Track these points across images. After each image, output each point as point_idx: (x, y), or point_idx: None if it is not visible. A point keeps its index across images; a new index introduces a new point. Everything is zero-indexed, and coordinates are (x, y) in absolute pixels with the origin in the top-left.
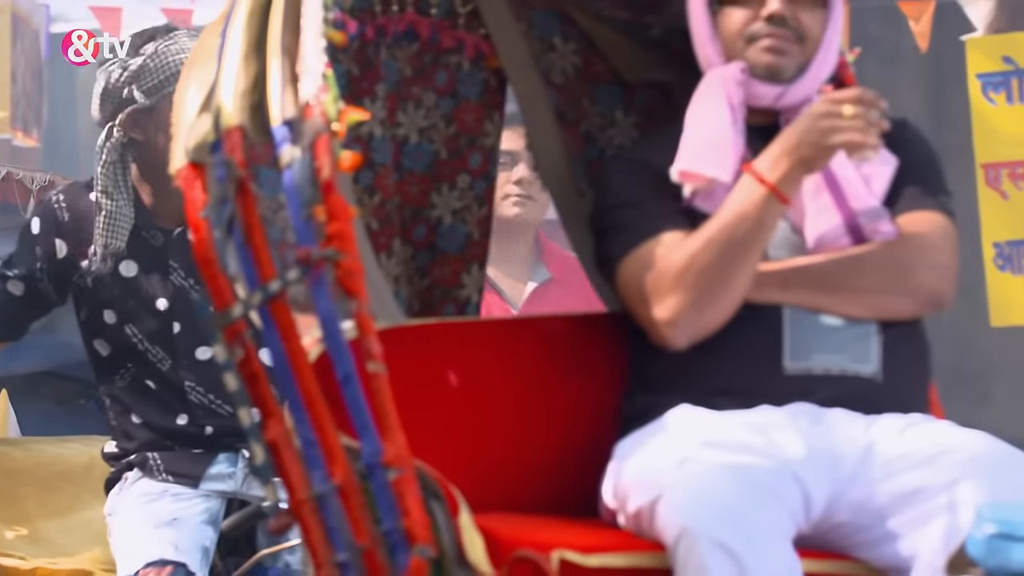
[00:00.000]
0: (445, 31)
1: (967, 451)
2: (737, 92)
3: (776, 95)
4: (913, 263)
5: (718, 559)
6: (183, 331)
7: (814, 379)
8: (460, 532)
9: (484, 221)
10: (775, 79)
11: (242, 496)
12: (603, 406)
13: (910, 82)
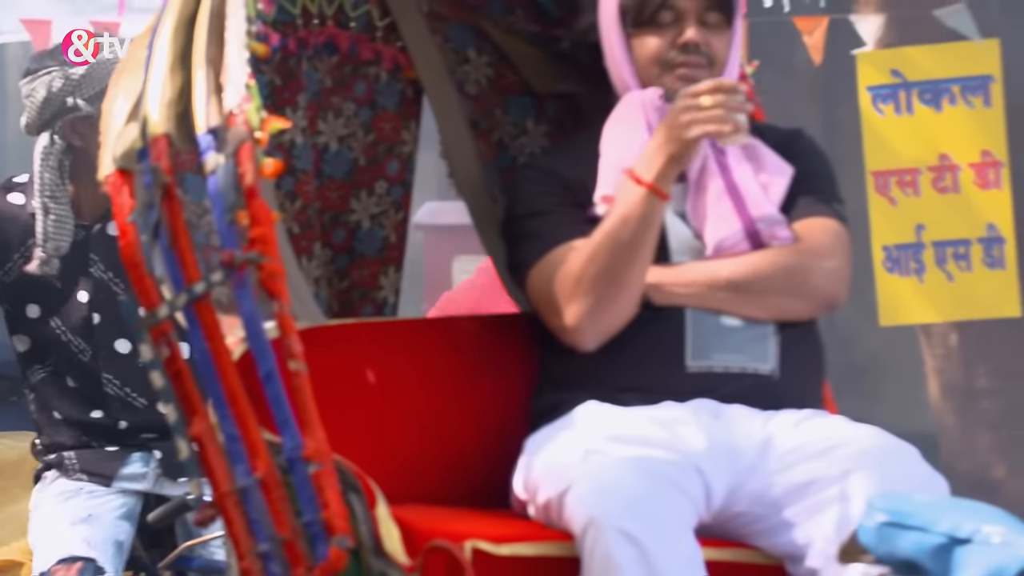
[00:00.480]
0: (364, 44)
1: (858, 444)
2: (655, 117)
3: None
4: (808, 267)
5: (623, 548)
6: (103, 322)
7: (715, 376)
8: (377, 523)
9: (401, 225)
10: None
11: (157, 493)
12: (513, 403)
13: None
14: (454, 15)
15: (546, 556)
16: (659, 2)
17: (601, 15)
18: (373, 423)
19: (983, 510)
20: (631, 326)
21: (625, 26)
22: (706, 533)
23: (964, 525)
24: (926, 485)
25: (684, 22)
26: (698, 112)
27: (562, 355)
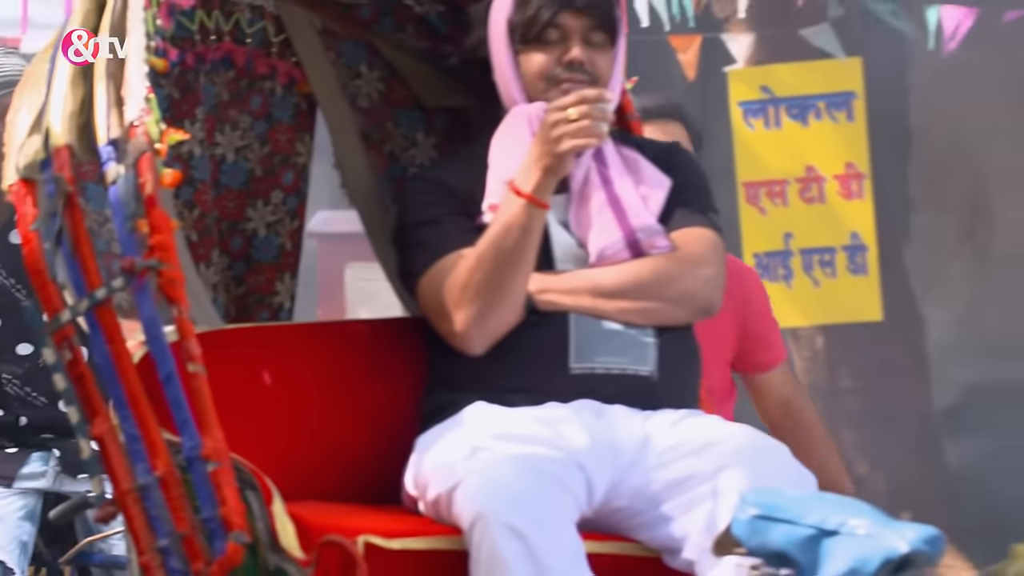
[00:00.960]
0: (259, 59)
1: (732, 442)
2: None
3: None
4: (685, 274)
5: (509, 541)
6: (5, 327)
7: (597, 378)
8: (273, 519)
9: (296, 233)
10: None
11: (56, 491)
12: (404, 403)
13: None
14: (346, 32)
15: (435, 550)
16: (546, 21)
17: (491, 32)
18: (269, 423)
19: (849, 504)
20: (517, 330)
21: (513, 43)
22: (588, 527)
23: (831, 518)
24: (795, 481)
25: (569, 41)
26: (567, 126)
27: (451, 358)
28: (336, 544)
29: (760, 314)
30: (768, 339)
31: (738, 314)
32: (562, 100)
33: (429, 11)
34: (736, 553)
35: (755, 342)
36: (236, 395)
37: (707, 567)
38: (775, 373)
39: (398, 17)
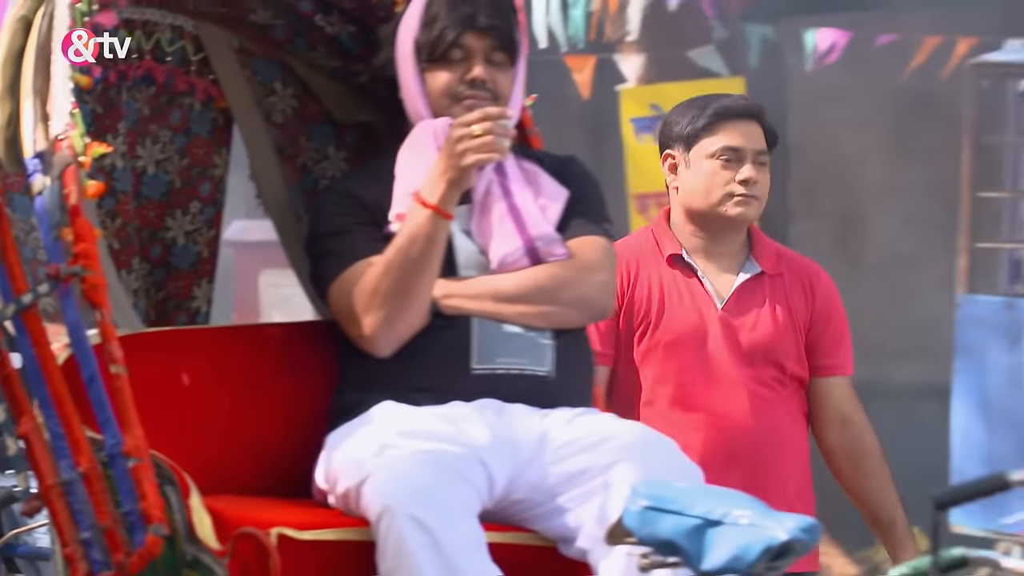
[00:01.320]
0: (179, 76)
1: (624, 438)
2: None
3: None
4: (580, 280)
5: (414, 532)
6: None
7: (497, 378)
8: (191, 512)
9: (213, 242)
10: None
11: None
12: (315, 402)
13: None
14: (262, 51)
15: (345, 540)
16: (450, 41)
17: (398, 51)
18: (187, 421)
19: (733, 496)
20: (422, 333)
21: (419, 62)
22: (489, 518)
23: (716, 509)
24: (683, 474)
25: (472, 60)
26: (471, 141)
27: (359, 359)
28: (250, 536)
29: (825, 318)
30: (831, 344)
31: (807, 308)
32: (466, 117)
33: (340, 32)
34: (627, 542)
35: (817, 343)
36: (156, 395)
37: (600, 555)
38: (836, 383)
39: (311, 37)
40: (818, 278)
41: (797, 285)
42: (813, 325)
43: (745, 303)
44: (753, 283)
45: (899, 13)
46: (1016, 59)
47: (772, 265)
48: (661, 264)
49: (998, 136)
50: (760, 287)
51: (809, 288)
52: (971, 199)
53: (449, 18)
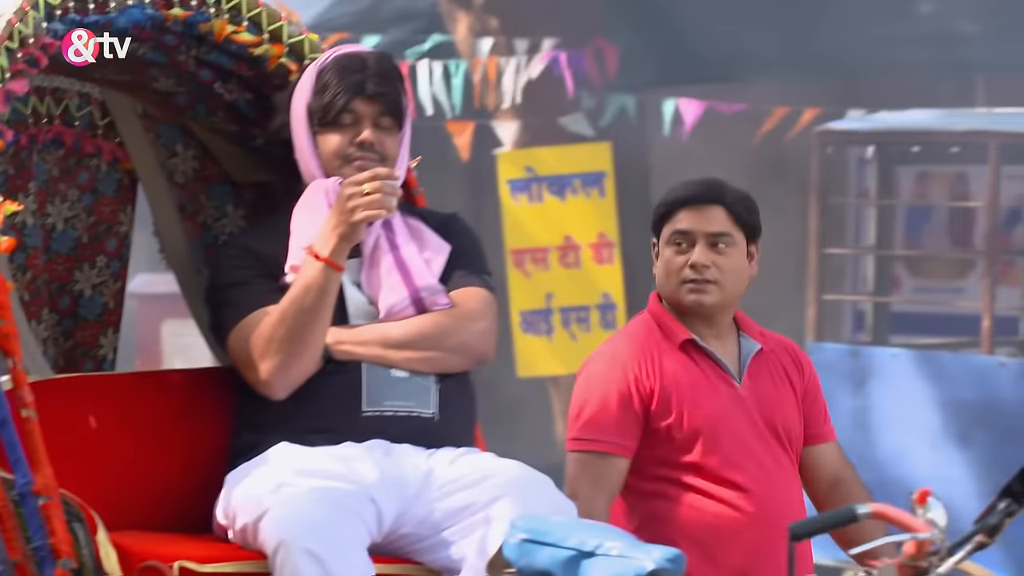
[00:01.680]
0: (86, 139)
1: (504, 475)
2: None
3: None
4: (462, 328)
5: (308, 564)
6: None
7: (386, 420)
8: (98, 547)
9: (118, 294)
10: None
11: None
12: (214, 443)
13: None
14: (164, 116)
15: (243, 573)
16: (340, 107)
17: (292, 116)
18: (95, 461)
19: (605, 529)
20: (316, 378)
21: (312, 125)
22: (378, 551)
23: (589, 541)
24: (558, 509)
25: (361, 124)
26: (361, 199)
27: (257, 403)
28: (154, 568)
29: (814, 389)
30: (821, 413)
31: (800, 382)
32: (357, 176)
33: (238, 98)
34: (507, 573)
35: (809, 414)
36: (65, 437)
37: None
38: (829, 448)
39: (210, 104)
40: (801, 353)
41: (788, 360)
42: (804, 397)
43: (756, 380)
44: (757, 360)
45: (749, 85)
46: (856, 127)
47: (763, 342)
48: (675, 351)
49: (842, 198)
50: (764, 364)
51: (798, 363)
52: (818, 255)
53: (340, 86)
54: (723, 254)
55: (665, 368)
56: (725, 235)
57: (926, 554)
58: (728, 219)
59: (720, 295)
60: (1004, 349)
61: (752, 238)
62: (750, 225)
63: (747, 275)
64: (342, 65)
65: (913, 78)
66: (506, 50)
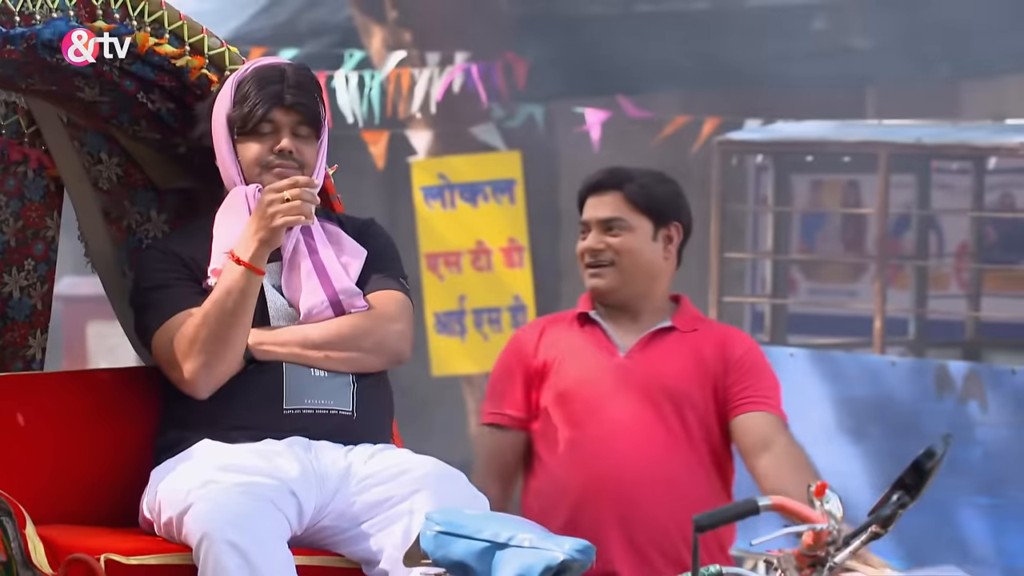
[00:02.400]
0: (13, 147)
1: (420, 471)
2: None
3: None
4: (379, 329)
5: (231, 556)
6: None
7: (306, 417)
8: (26, 540)
9: (46, 296)
10: None
11: None
12: (140, 440)
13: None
14: (89, 124)
15: (168, 565)
16: (259, 116)
17: (213, 125)
18: (23, 457)
19: (516, 521)
20: (238, 377)
21: (232, 134)
22: (298, 543)
23: (502, 533)
24: (472, 502)
25: (280, 133)
26: (280, 205)
27: (180, 401)
28: (81, 561)
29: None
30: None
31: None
32: (277, 184)
33: (161, 107)
34: (424, 564)
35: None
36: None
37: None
38: (753, 416)
39: (134, 112)
40: (739, 337)
41: (710, 339)
42: (728, 373)
43: (649, 351)
44: (660, 334)
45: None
46: (754, 138)
47: (687, 324)
48: (571, 324)
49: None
50: (667, 338)
51: (723, 342)
52: (719, 259)
53: (259, 96)
54: (618, 237)
55: (553, 339)
56: (617, 220)
57: (823, 544)
58: (624, 204)
59: (619, 277)
60: (895, 349)
61: (661, 222)
62: (653, 209)
63: (654, 258)
64: (261, 76)
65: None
66: (419, 62)
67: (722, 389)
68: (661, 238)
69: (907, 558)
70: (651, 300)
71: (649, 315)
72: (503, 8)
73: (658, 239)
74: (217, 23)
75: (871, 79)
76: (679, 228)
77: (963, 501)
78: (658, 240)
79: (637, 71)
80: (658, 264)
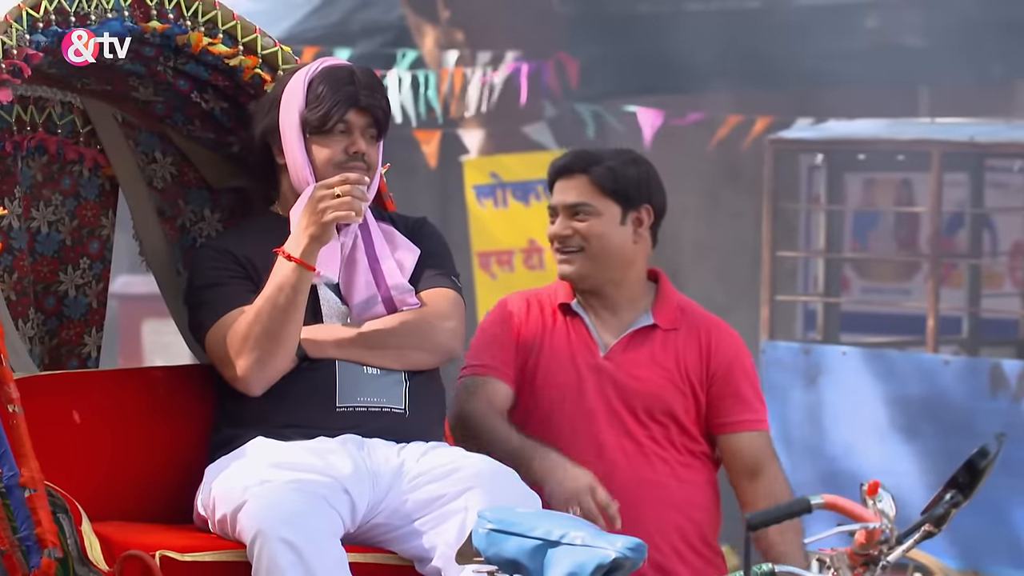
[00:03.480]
0: (69, 146)
1: (472, 469)
2: None
3: None
4: (432, 327)
5: (284, 553)
6: None
7: (358, 415)
8: (82, 537)
9: (101, 294)
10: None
11: None
12: (194, 437)
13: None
14: (144, 124)
15: (222, 562)
16: (337, 118)
17: (283, 125)
18: (79, 455)
19: (569, 519)
20: (291, 375)
21: (305, 134)
22: (351, 541)
23: (555, 531)
24: (524, 500)
25: (353, 134)
26: (331, 200)
27: (234, 399)
28: (136, 557)
29: (724, 376)
30: (734, 402)
31: (701, 366)
32: (328, 180)
33: (214, 107)
34: (476, 562)
35: (718, 402)
36: (50, 431)
37: (452, 574)
38: (743, 438)
39: (188, 111)
40: (719, 336)
41: (692, 342)
42: (712, 384)
43: (631, 353)
44: (643, 334)
45: (704, 95)
46: (806, 136)
47: (668, 320)
48: (554, 313)
49: (793, 203)
50: (649, 340)
51: (706, 346)
52: (771, 258)
53: (335, 97)
54: (584, 222)
55: (538, 324)
56: (583, 204)
57: (876, 543)
58: (590, 188)
59: (587, 263)
60: (948, 347)
61: (630, 205)
62: (620, 192)
63: (623, 242)
64: (334, 77)
65: (860, 89)
66: (471, 62)
67: (706, 399)
68: (630, 221)
69: (960, 557)
70: (626, 287)
71: (627, 304)
72: (555, 7)
73: (627, 223)
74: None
75: (924, 77)
76: (649, 210)
77: (1017, 500)
78: (627, 224)
79: (688, 70)
80: (628, 248)
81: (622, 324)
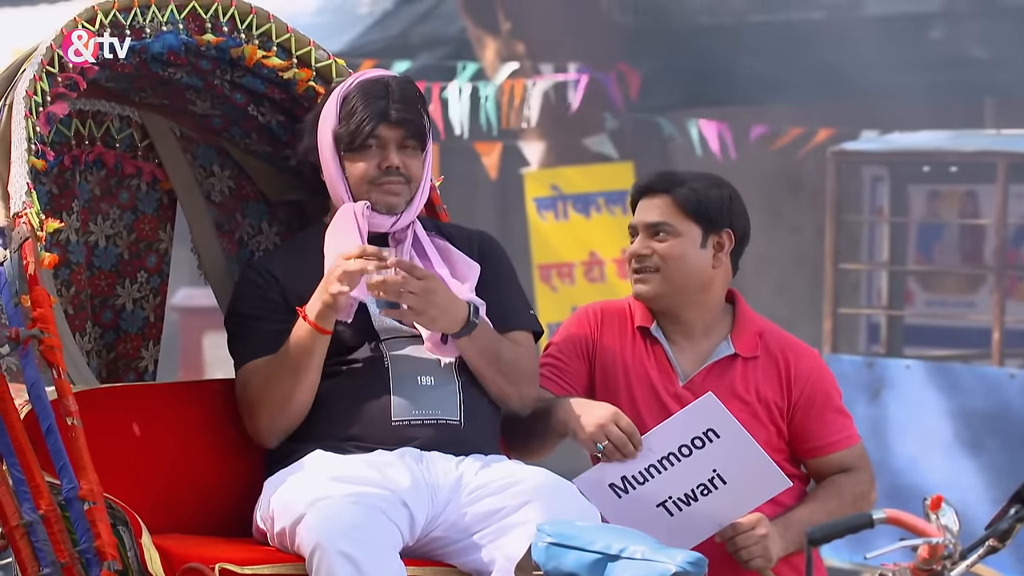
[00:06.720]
0: (127, 160)
1: (530, 482)
2: (364, 224)
3: (391, 223)
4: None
5: (343, 566)
6: None
7: (414, 428)
8: (142, 550)
9: (159, 308)
10: (391, 212)
11: None
12: (254, 450)
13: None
14: (201, 137)
15: (282, 575)
16: (367, 134)
17: (320, 142)
18: (138, 467)
19: (628, 533)
20: (347, 388)
21: (339, 151)
22: (410, 554)
23: (614, 544)
24: (583, 514)
25: (387, 149)
26: (342, 273)
27: None
28: (196, 570)
29: (807, 404)
30: (820, 428)
31: (783, 397)
32: (345, 252)
33: (271, 120)
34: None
35: (804, 430)
36: (108, 444)
37: None
38: (835, 457)
39: (245, 125)
40: (796, 361)
41: (772, 370)
42: (794, 412)
43: (711, 384)
44: (723, 364)
45: (767, 107)
46: (869, 148)
47: (748, 348)
48: (634, 335)
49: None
50: (730, 371)
51: (785, 374)
52: (834, 270)
53: (365, 112)
54: (664, 242)
55: (612, 340)
56: (664, 224)
57: (939, 558)
58: (673, 208)
59: (664, 284)
60: (1014, 361)
61: (711, 228)
62: (703, 215)
63: (702, 265)
64: (367, 91)
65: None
66: (532, 73)
67: (790, 427)
68: (710, 245)
69: None
70: (702, 311)
71: (704, 330)
72: (615, 19)
73: (707, 246)
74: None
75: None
76: (731, 235)
77: None
78: (707, 247)
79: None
80: (706, 272)
81: (701, 352)
